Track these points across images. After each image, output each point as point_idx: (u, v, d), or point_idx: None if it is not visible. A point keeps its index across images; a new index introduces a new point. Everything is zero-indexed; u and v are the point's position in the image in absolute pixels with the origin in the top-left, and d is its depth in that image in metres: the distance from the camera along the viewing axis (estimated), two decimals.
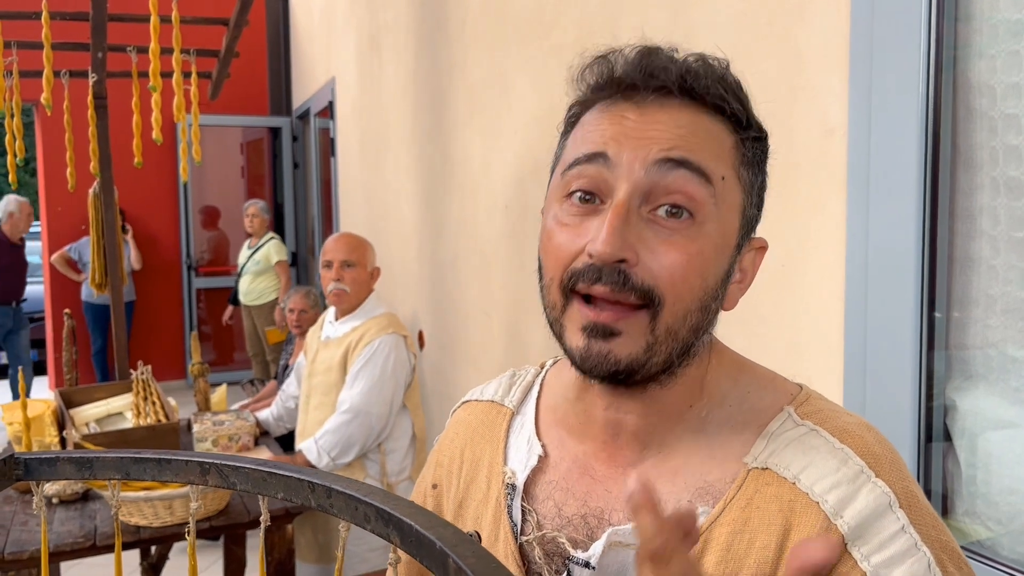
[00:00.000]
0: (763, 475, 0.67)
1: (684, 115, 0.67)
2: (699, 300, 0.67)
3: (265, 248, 6.09)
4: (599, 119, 0.69)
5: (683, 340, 0.67)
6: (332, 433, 2.58)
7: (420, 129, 3.80)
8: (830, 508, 0.64)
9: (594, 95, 0.71)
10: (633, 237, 0.64)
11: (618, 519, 0.71)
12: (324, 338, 2.81)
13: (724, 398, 0.73)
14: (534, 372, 0.88)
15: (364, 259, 2.73)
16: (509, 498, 0.77)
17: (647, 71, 0.68)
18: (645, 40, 0.73)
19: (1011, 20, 1.16)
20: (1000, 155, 1.19)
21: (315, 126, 6.70)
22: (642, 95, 0.68)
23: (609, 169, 0.66)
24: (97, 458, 0.64)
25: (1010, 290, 1.20)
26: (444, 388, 3.61)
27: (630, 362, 0.66)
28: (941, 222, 1.27)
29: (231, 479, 0.60)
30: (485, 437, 0.84)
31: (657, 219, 0.65)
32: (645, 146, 0.65)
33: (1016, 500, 1.19)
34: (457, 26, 3.25)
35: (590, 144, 0.68)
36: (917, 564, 0.63)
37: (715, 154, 0.67)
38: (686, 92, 0.68)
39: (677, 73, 0.67)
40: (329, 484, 0.53)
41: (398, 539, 0.47)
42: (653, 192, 0.65)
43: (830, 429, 0.69)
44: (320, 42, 6.18)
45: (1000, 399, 1.23)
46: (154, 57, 2.30)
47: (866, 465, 0.66)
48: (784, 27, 1.50)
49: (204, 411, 3.11)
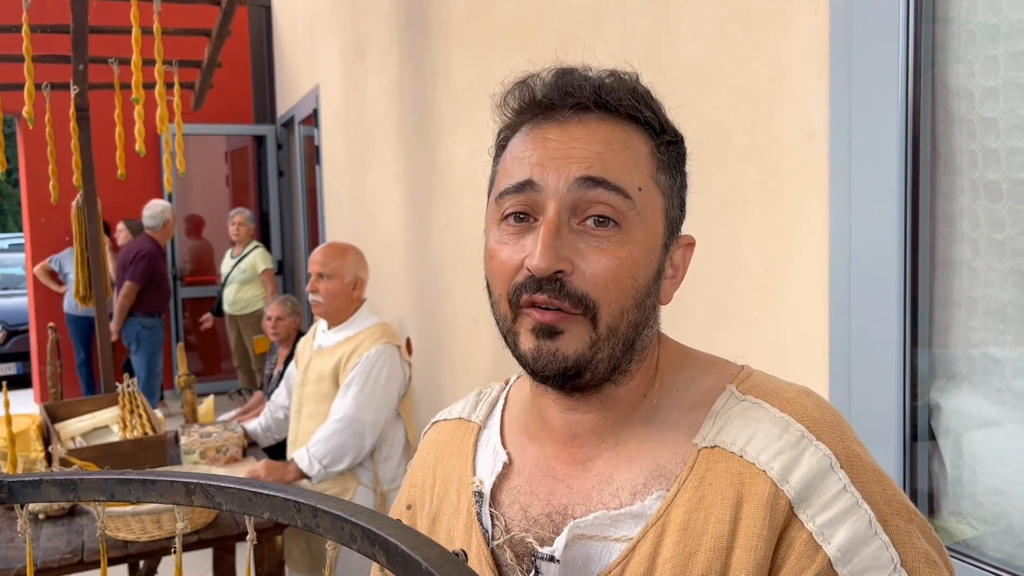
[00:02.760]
0: (712, 453, 0.71)
1: (601, 129, 0.72)
2: (633, 299, 0.71)
3: (251, 257, 6.06)
4: (524, 143, 0.74)
5: (624, 335, 0.72)
6: (324, 442, 2.57)
7: (405, 136, 3.80)
8: (776, 475, 0.67)
9: (519, 118, 0.76)
10: (567, 249, 0.69)
11: (581, 512, 0.74)
12: (316, 347, 2.80)
13: (671, 385, 0.77)
14: (499, 388, 0.93)
15: (340, 271, 2.72)
16: (478, 506, 0.80)
17: (563, 90, 0.73)
18: (621, 56, 0.75)
19: (988, 24, 1.17)
20: (979, 158, 1.20)
21: (300, 134, 6.68)
22: (561, 113, 0.73)
23: (537, 192, 0.71)
24: (81, 480, 0.63)
25: (991, 292, 1.21)
26: (432, 395, 3.61)
27: (577, 358, 0.70)
28: (922, 225, 1.28)
29: (216, 499, 0.59)
30: (454, 453, 0.88)
31: (587, 229, 0.70)
32: (566, 166, 0.70)
33: (1001, 500, 1.20)
34: (441, 33, 3.25)
35: (517, 173, 0.73)
36: (859, 521, 0.66)
37: (631, 166, 0.72)
38: (601, 106, 0.73)
39: (591, 89, 0.72)
40: (315, 504, 0.53)
41: (384, 559, 0.47)
42: (578, 205, 0.70)
43: (771, 400, 0.72)
44: (304, 50, 6.16)
45: (983, 399, 1.24)
46: (136, 69, 2.29)
47: (806, 429, 0.69)
48: (764, 34, 1.51)
49: (191, 423, 3.09)
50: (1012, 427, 1.20)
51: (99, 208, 3.20)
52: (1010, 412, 1.20)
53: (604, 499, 0.73)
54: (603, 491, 0.74)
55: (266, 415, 3.11)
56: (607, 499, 0.73)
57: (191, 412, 3.12)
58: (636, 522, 0.71)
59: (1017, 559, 1.18)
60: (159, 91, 2.49)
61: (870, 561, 0.66)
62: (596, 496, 0.74)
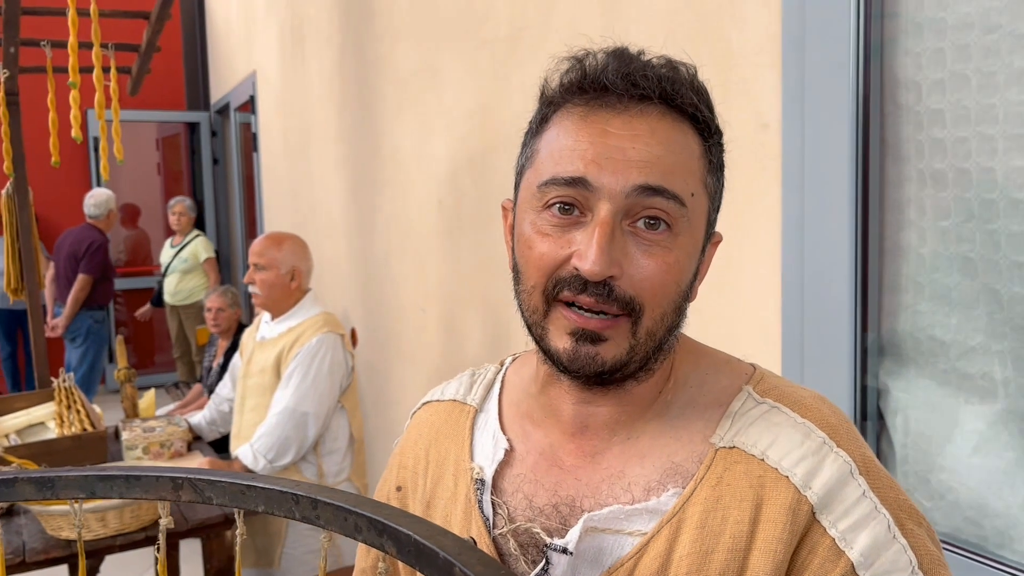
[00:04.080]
0: (731, 454, 0.71)
1: (661, 127, 0.69)
2: (674, 303, 0.71)
3: (192, 246, 5.92)
4: (578, 130, 0.70)
5: (660, 339, 0.71)
6: (267, 435, 2.53)
7: (347, 123, 3.75)
8: (799, 480, 0.68)
9: (570, 96, 0.72)
10: (618, 252, 0.67)
11: (590, 505, 0.74)
12: (260, 339, 2.76)
13: (685, 382, 0.77)
14: (494, 370, 0.90)
15: (275, 261, 2.69)
16: (479, 493, 0.79)
17: (629, 78, 0.69)
18: (581, 37, 0.74)
19: (935, 18, 1.21)
20: (926, 148, 1.24)
21: (235, 121, 6.54)
22: (623, 102, 0.69)
23: (590, 191, 0.68)
24: (59, 477, 0.61)
25: (937, 277, 1.26)
26: (379, 385, 3.59)
27: (615, 363, 0.70)
28: (872, 212, 1.32)
29: (207, 494, 0.58)
30: (449, 436, 0.85)
31: (637, 231, 0.69)
32: (625, 169, 0.67)
33: (946, 476, 1.25)
34: (384, 19, 3.21)
35: (569, 166, 0.69)
36: (878, 526, 0.68)
37: (687, 171, 0.70)
38: (665, 100, 0.69)
39: (656, 80, 0.69)
40: (315, 496, 0.53)
41: (394, 549, 0.47)
42: (632, 209, 0.68)
43: (789, 404, 0.73)
44: (239, 35, 6.02)
45: (929, 381, 1.29)
46: (72, 52, 2.20)
47: (827, 437, 0.70)
48: (717, 24, 1.53)
49: (132, 418, 3.01)
50: (957, 407, 1.25)
51: (31, 197, 3.08)
52: (954, 392, 1.25)
53: (615, 493, 0.73)
54: (614, 485, 0.73)
55: (211, 408, 3.05)
56: (618, 493, 0.73)
57: (131, 407, 3.03)
58: (651, 517, 0.71)
59: (962, 533, 1.23)
60: (96, 75, 2.40)
61: (890, 564, 0.67)
62: (607, 490, 0.73)
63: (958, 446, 1.25)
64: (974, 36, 1.16)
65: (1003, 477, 1.18)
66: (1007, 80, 1.12)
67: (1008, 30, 1.11)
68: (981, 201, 1.17)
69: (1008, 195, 1.14)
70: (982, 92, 1.16)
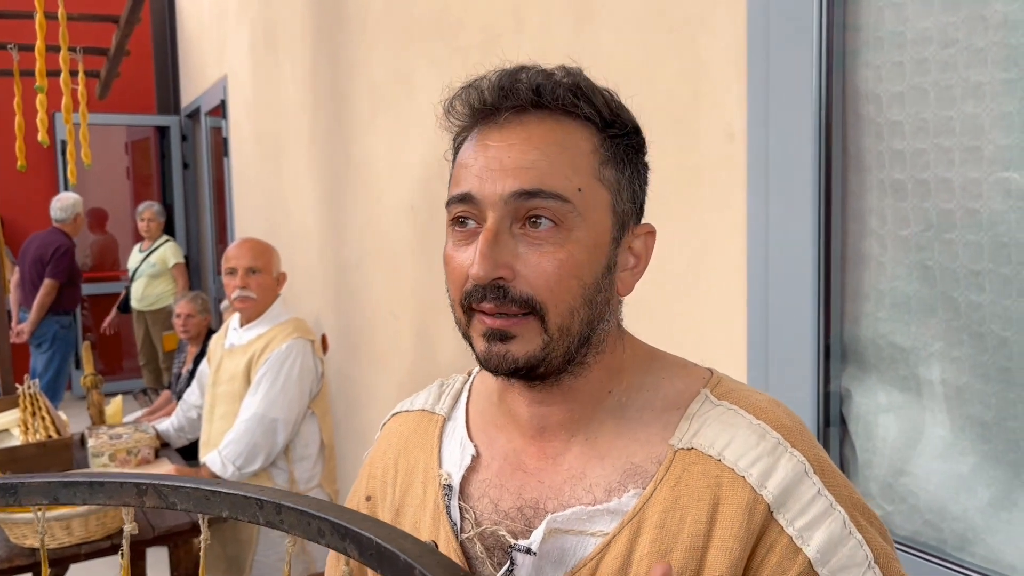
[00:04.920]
0: (689, 455, 0.73)
1: (538, 131, 0.72)
2: (581, 297, 0.72)
3: (161, 251, 5.87)
4: (469, 150, 0.75)
5: (577, 333, 0.73)
6: (236, 442, 2.51)
7: (320, 129, 3.74)
8: (755, 480, 0.70)
9: (468, 121, 0.77)
10: (508, 255, 0.71)
11: (553, 507, 0.75)
12: (228, 346, 2.74)
13: (641, 385, 0.79)
14: (462, 380, 0.92)
15: (269, 265, 2.67)
16: (446, 499, 0.80)
17: (502, 91, 0.74)
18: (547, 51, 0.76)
19: (895, 32, 1.24)
20: (886, 159, 1.27)
21: (206, 125, 6.49)
22: (502, 115, 0.73)
23: (476, 204, 0.73)
24: (22, 483, 0.61)
25: (897, 285, 1.29)
26: (350, 392, 3.57)
27: (528, 359, 0.72)
28: (835, 221, 1.34)
29: (170, 499, 0.58)
30: (418, 445, 0.87)
31: (527, 232, 0.72)
32: (501, 179, 0.71)
33: (907, 480, 1.28)
34: (358, 25, 3.21)
35: (462, 183, 0.74)
36: (834, 523, 0.70)
37: (570, 168, 0.72)
38: (539, 105, 0.73)
39: (528, 88, 0.73)
40: (278, 500, 0.53)
41: (356, 552, 0.48)
42: (517, 213, 0.72)
43: (745, 407, 0.75)
44: (211, 39, 5.98)
45: (890, 387, 1.31)
46: (40, 56, 2.18)
47: (781, 437, 0.73)
48: (686, 36, 1.56)
49: (99, 424, 2.97)
50: (916, 412, 1.28)
51: None
52: (914, 398, 1.28)
53: (577, 494, 0.75)
54: (576, 486, 0.75)
55: (178, 415, 3.02)
56: (580, 494, 0.75)
57: (98, 414, 3.00)
58: (612, 518, 0.72)
59: (922, 536, 1.25)
60: (64, 79, 2.38)
61: (847, 560, 0.69)
62: (569, 491, 0.75)
63: (918, 451, 1.27)
64: (932, 50, 1.19)
65: (962, 481, 1.21)
66: (964, 93, 1.15)
67: (965, 45, 1.14)
68: (939, 211, 1.20)
69: (965, 205, 1.17)
70: (940, 105, 1.19)
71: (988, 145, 1.13)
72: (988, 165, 1.13)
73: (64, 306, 5.58)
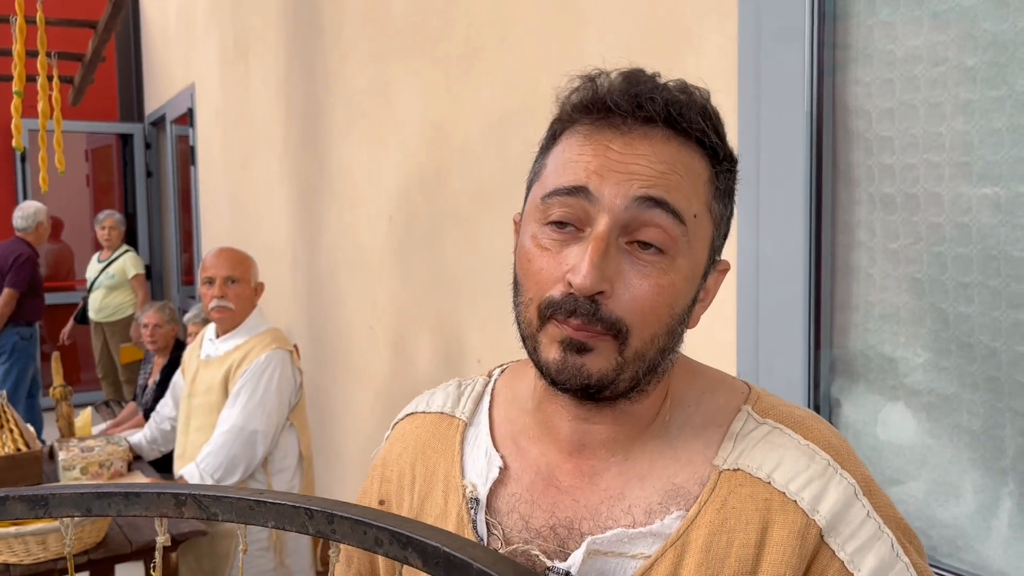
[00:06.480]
0: (735, 476, 0.70)
1: (666, 149, 0.69)
2: (667, 326, 0.70)
3: (120, 261, 5.75)
4: (582, 146, 0.70)
5: (650, 360, 0.70)
6: (214, 455, 2.47)
7: (293, 138, 3.71)
8: (807, 504, 0.68)
9: (577, 115, 0.72)
10: (611, 269, 0.67)
11: (589, 527, 0.72)
12: (204, 357, 2.69)
13: (683, 401, 0.76)
14: (483, 382, 0.88)
15: (248, 274, 2.63)
16: (472, 512, 0.77)
17: (635, 99, 0.69)
18: (628, 64, 0.75)
19: (885, 50, 1.27)
20: (876, 173, 1.30)
21: (172, 133, 6.40)
22: (628, 123, 0.69)
23: (590, 202, 0.68)
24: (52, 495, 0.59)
25: (886, 296, 1.32)
26: (323, 404, 3.54)
27: (601, 377, 0.68)
28: (825, 234, 1.37)
29: (212, 510, 0.57)
30: (438, 450, 0.83)
31: (634, 251, 0.68)
32: (626, 181, 0.68)
33: (897, 490, 1.30)
34: (333, 34, 3.20)
35: (571, 176, 0.69)
36: (883, 546, 0.69)
37: (691, 191, 0.69)
38: (670, 124, 0.69)
39: (663, 103, 0.69)
40: (330, 510, 0.52)
41: (419, 562, 0.47)
42: (631, 225, 0.68)
43: (791, 425, 0.73)
44: (177, 46, 5.91)
45: (879, 396, 1.34)
46: (19, 60, 2.14)
47: (831, 459, 0.71)
48: (675, 51, 1.58)
49: (68, 437, 2.91)
50: (905, 422, 1.30)
51: None
52: (903, 408, 1.31)
53: (615, 515, 0.72)
54: (614, 507, 0.73)
55: (151, 427, 2.97)
56: (618, 515, 0.72)
57: (67, 426, 2.93)
58: (654, 540, 0.70)
59: None
60: (42, 84, 2.34)
61: None
62: (606, 512, 0.73)
63: (907, 460, 1.30)
64: (922, 68, 1.22)
65: (951, 489, 1.24)
66: (953, 111, 1.19)
67: (954, 63, 1.18)
68: (928, 225, 1.23)
69: (954, 219, 1.20)
70: (929, 121, 1.22)
71: (978, 161, 1.16)
72: (978, 180, 1.16)
73: (25, 317, 5.43)
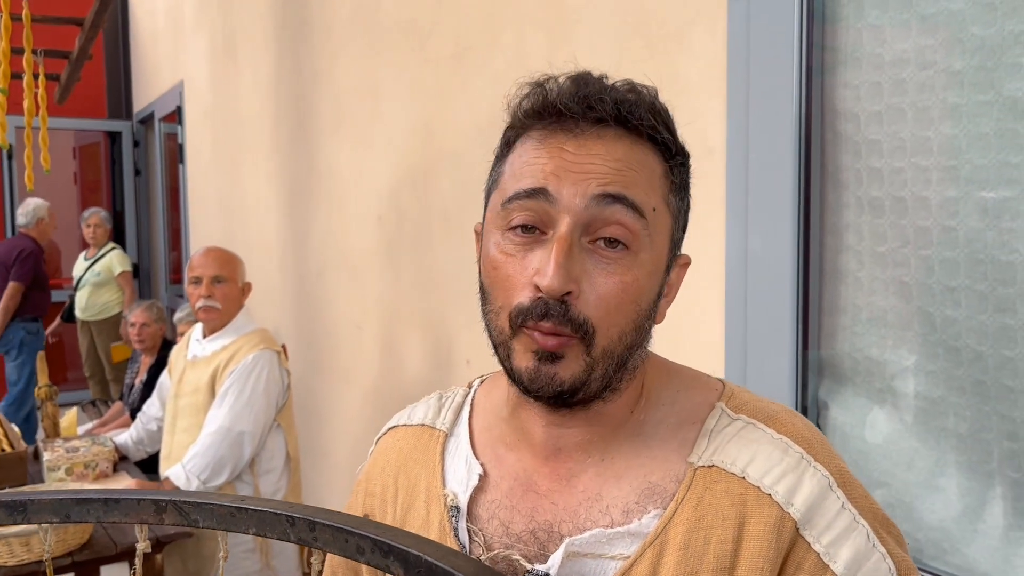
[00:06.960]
0: (710, 472, 0.71)
1: (619, 147, 0.70)
2: (633, 322, 0.70)
3: (107, 259, 5.72)
4: (537, 150, 0.71)
5: (619, 357, 0.71)
6: (201, 455, 2.46)
7: (282, 137, 3.70)
8: (781, 498, 0.69)
9: (530, 121, 0.73)
10: (576, 270, 0.68)
11: (568, 530, 0.73)
12: (191, 357, 2.68)
13: (658, 400, 0.77)
14: (463, 393, 0.88)
15: (235, 274, 2.62)
16: (453, 520, 0.77)
17: (585, 102, 0.70)
18: (575, 68, 0.75)
19: (873, 53, 1.27)
20: (864, 176, 1.30)
21: (160, 131, 6.37)
22: (580, 125, 0.70)
23: (550, 204, 0.69)
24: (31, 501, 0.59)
25: (874, 300, 1.32)
26: (311, 404, 3.53)
27: (573, 382, 0.69)
28: (813, 237, 1.37)
29: (192, 516, 0.56)
30: (419, 462, 0.84)
31: (597, 249, 0.69)
32: (584, 181, 0.68)
33: (884, 492, 1.30)
34: (322, 33, 3.19)
35: (529, 179, 0.70)
36: (858, 537, 0.69)
37: (648, 186, 0.70)
38: (621, 122, 0.70)
39: (612, 103, 0.70)
40: (311, 517, 0.51)
41: (401, 571, 0.47)
42: (592, 224, 0.69)
43: (764, 420, 0.74)
44: (166, 44, 5.89)
45: (866, 399, 1.34)
46: (4, 58, 2.12)
47: (804, 451, 0.71)
48: (664, 51, 1.58)
49: (53, 437, 2.89)
50: (892, 424, 1.31)
51: None
52: (890, 410, 1.31)
53: (594, 516, 0.72)
54: (592, 508, 0.73)
55: (137, 427, 2.95)
56: (597, 516, 0.72)
57: (52, 426, 2.91)
58: (632, 540, 0.70)
59: None
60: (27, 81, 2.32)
61: (872, 573, 0.69)
62: (584, 513, 0.73)
63: (894, 462, 1.30)
64: (910, 72, 1.22)
65: (937, 492, 1.24)
66: (941, 114, 1.19)
67: (942, 67, 1.18)
68: (916, 228, 1.24)
69: (941, 223, 1.20)
70: (917, 125, 1.22)
71: (965, 165, 1.16)
72: (965, 184, 1.16)
73: (31, 311, 5.41)
